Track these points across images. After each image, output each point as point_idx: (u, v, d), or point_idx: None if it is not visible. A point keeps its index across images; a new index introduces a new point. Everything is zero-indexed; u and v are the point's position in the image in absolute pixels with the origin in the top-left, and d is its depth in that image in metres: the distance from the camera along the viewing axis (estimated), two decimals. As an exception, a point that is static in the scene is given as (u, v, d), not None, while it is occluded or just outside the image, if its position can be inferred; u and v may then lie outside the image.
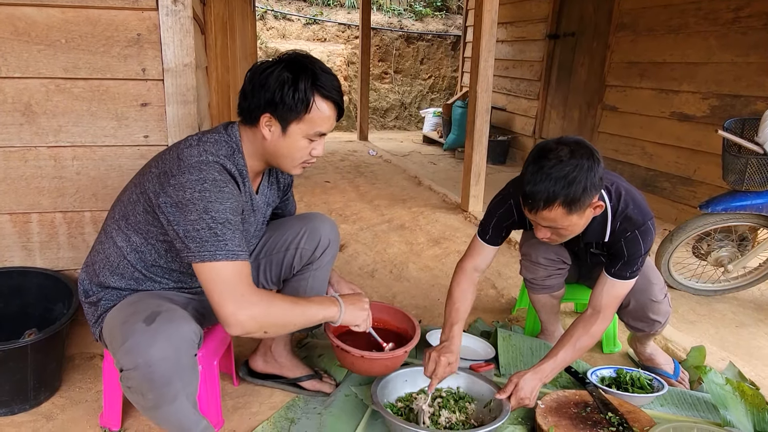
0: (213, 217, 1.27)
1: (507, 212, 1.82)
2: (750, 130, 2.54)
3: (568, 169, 1.46)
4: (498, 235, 1.86)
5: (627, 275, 1.68)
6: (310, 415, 1.69)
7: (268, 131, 1.39)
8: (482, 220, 1.89)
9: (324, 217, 1.75)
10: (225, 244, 1.28)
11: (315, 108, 1.37)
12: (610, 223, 1.68)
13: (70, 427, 1.64)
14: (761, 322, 2.55)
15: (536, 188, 1.49)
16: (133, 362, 1.20)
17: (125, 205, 1.41)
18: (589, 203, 1.53)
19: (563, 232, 1.59)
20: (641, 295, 1.81)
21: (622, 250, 1.67)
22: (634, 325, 1.91)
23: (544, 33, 5.59)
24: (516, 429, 1.62)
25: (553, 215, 1.51)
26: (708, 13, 3.68)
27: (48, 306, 1.87)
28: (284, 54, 1.40)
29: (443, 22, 8.90)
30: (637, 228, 1.65)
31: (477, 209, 3.93)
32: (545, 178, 1.47)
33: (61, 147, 1.83)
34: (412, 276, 2.89)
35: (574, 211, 1.51)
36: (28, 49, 1.72)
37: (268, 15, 8.09)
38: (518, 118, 6.17)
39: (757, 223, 2.56)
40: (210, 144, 1.37)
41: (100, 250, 1.45)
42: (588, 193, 1.50)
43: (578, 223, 1.57)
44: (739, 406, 1.67)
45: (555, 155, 1.49)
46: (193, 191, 1.27)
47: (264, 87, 1.34)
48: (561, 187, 1.46)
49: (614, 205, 1.67)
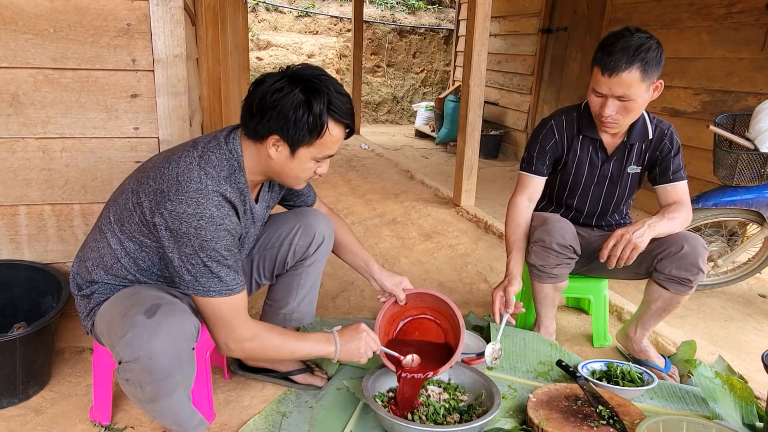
0: (208, 255, 1.27)
1: (549, 132, 2.00)
2: (741, 125, 2.56)
3: (643, 40, 1.72)
4: (542, 162, 2.02)
5: (682, 173, 1.95)
6: (302, 409, 1.69)
7: (275, 151, 1.34)
8: (525, 153, 2.06)
9: (319, 213, 1.74)
10: (219, 280, 1.29)
11: (327, 133, 1.33)
12: (649, 122, 1.95)
13: (59, 421, 1.62)
14: (750, 316, 2.57)
15: (618, 52, 1.70)
16: (134, 354, 1.19)
17: (121, 210, 1.38)
18: (656, 77, 1.76)
19: (629, 105, 1.77)
20: (694, 241, 1.81)
21: (669, 148, 1.93)
22: (678, 276, 1.82)
23: (537, 27, 5.59)
24: (507, 422, 1.63)
25: (630, 79, 1.71)
26: (700, 9, 3.70)
27: (37, 299, 1.85)
28: (295, 67, 1.33)
29: (436, 16, 8.87)
30: (671, 127, 1.96)
31: (469, 203, 3.93)
32: (626, 45, 1.70)
33: (49, 138, 1.80)
34: (404, 270, 2.89)
35: (646, 78, 1.73)
36: (15, 38, 1.69)
37: (259, 7, 8.03)
38: (510, 112, 6.18)
39: (746, 218, 2.58)
40: (211, 166, 1.31)
41: (95, 247, 1.42)
42: (657, 65, 1.74)
43: (645, 97, 1.78)
44: (728, 399, 1.69)
45: (629, 32, 1.74)
46: (188, 226, 1.25)
47: (275, 109, 1.27)
48: (640, 51, 1.70)
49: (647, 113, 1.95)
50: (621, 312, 2.44)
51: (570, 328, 2.35)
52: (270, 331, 1.43)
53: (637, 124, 1.93)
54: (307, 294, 1.76)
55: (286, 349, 1.44)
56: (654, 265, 1.87)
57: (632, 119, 1.86)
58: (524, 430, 1.60)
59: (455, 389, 1.72)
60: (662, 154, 1.94)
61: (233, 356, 1.36)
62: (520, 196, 2.04)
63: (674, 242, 1.82)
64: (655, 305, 1.93)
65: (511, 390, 1.80)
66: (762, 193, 2.47)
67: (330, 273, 2.73)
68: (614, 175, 2.01)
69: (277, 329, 1.47)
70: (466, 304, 2.52)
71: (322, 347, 1.49)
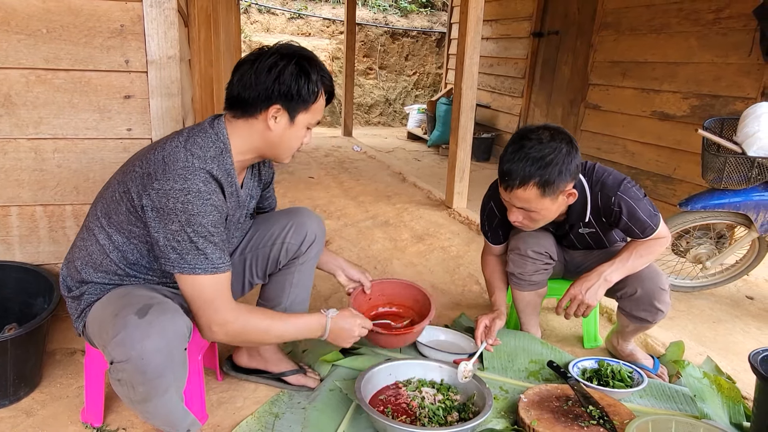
0: (195, 230, 1.27)
1: (491, 213, 1.94)
2: (729, 129, 2.59)
3: (546, 151, 1.53)
4: (496, 235, 2.00)
5: (651, 226, 1.73)
6: (295, 410, 1.69)
7: (274, 122, 1.39)
8: (480, 224, 2.03)
9: (310, 213, 1.75)
10: (205, 258, 1.29)
11: (321, 98, 1.44)
12: (590, 198, 1.75)
13: (50, 422, 1.61)
14: (737, 318, 2.61)
15: (513, 166, 1.55)
16: (126, 354, 1.19)
17: (108, 202, 1.39)
18: (563, 189, 1.59)
19: (535, 216, 1.65)
20: (650, 283, 1.81)
21: (618, 215, 1.73)
22: (636, 315, 1.87)
23: (528, 31, 5.62)
24: (499, 422, 1.64)
25: (527, 195, 1.57)
26: (689, 14, 3.74)
27: (28, 301, 1.84)
28: (278, 45, 1.41)
29: (428, 19, 8.91)
30: (618, 189, 1.71)
31: (461, 206, 3.95)
32: (523, 157, 1.54)
33: (41, 139, 1.80)
34: (396, 272, 2.90)
35: (548, 194, 1.57)
36: (7, 38, 1.69)
37: (252, 9, 8.03)
38: (502, 115, 6.21)
39: (734, 221, 2.61)
40: (197, 147, 1.34)
41: (82, 246, 1.42)
42: (563, 178, 1.56)
43: (551, 208, 1.63)
44: (716, 399, 1.71)
45: (536, 136, 1.56)
46: (176, 201, 1.26)
47: (277, 80, 1.35)
48: (538, 167, 1.53)
49: (589, 178, 1.75)
50: (611, 314, 2.46)
51: (561, 329, 2.37)
52: (255, 312, 1.42)
53: (574, 206, 1.76)
54: (299, 293, 1.77)
55: (273, 331, 1.43)
56: (617, 300, 1.93)
57: (545, 223, 1.73)
58: (516, 430, 1.61)
59: (448, 389, 1.74)
60: (615, 220, 1.76)
61: (216, 340, 1.35)
62: (487, 254, 2.09)
63: (630, 283, 1.82)
64: (627, 329, 1.99)
65: (502, 391, 1.81)
66: (749, 196, 2.50)
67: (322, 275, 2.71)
68: (569, 236, 1.95)
69: (262, 311, 1.46)
70: (458, 305, 2.54)
71: (312, 328, 1.49)
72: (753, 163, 2.41)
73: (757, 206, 2.50)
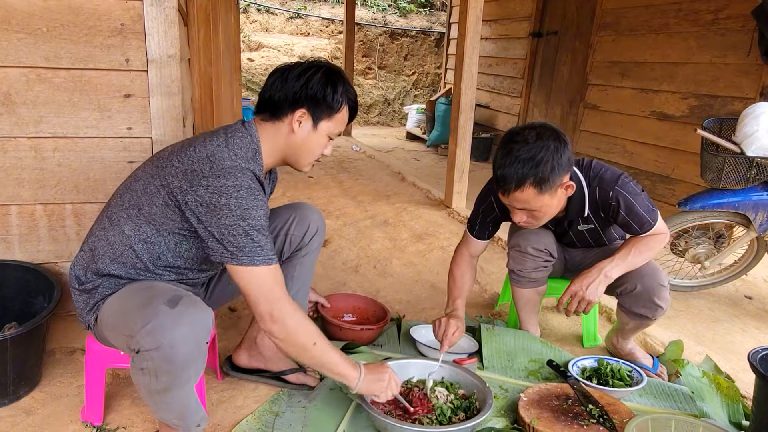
0: (250, 224, 1.31)
1: (489, 207, 1.92)
2: (728, 129, 2.60)
3: (534, 151, 1.56)
4: (484, 229, 1.96)
5: (649, 222, 1.75)
6: (295, 409, 1.69)
7: (298, 125, 1.45)
8: (470, 215, 1.98)
9: (311, 206, 1.80)
10: (261, 249, 1.33)
11: (344, 110, 1.50)
12: (587, 193, 1.77)
13: (50, 421, 1.61)
14: (736, 317, 2.61)
15: (506, 171, 1.58)
16: (156, 342, 1.20)
17: (139, 195, 1.40)
18: (559, 183, 1.62)
19: (538, 214, 1.66)
20: (649, 279, 1.81)
21: (617, 209, 1.74)
22: (636, 311, 1.87)
23: (527, 31, 5.63)
24: (499, 421, 1.64)
25: (525, 196, 1.59)
26: (688, 14, 3.75)
27: (28, 299, 1.84)
28: (312, 60, 1.51)
29: (427, 19, 8.91)
30: (615, 184, 1.73)
31: (460, 205, 3.96)
32: (514, 161, 1.57)
33: (41, 138, 1.80)
34: (396, 271, 2.90)
35: (545, 190, 1.59)
36: (7, 37, 1.69)
37: (251, 8, 8.02)
38: (501, 115, 6.22)
39: (733, 221, 2.62)
40: (238, 147, 1.39)
41: (102, 236, 1.42)
42: (557, 173, 1.58)
43: (551, 203, 1.65)
44: (715, 398, 1.72)
45: (522, 138, 1.59)
46: (229, 197, 1.30)
47: (306, 85, 1.43)
48: (530, 167, 1.56)
49: (586, 174, 1.77)
50: (611, 313, 2.47)
51: (560, 328, 2.37)
52: (309, 319, 1.43)
53: (572, 201, 1.78)
54: (300, 287, 1.79)
55: (319, 345, 1.41)
56: (616, 297, 1.92)
57: (549, 218, 1.74)
58: (515, 429, 1.61)
59: (451, 385, 1.73)
60: (614, 215, 1.78)
61: (274, 332, 1.36)
62: (464, 248, 2.01)
63: (630, 280, 1.82)
64: (627, 326, 1.98)
65: (502, 390, 1.82)
66: (748, 196, 2.51)
67: (321, 274, 2.73)
68: (568, 233, 1.95)
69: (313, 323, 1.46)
70: (457, 305, 2.54)
71: (348, 370, 1.47)
72: (752, 163, 2.41)
73: (756, 206, 2.51)
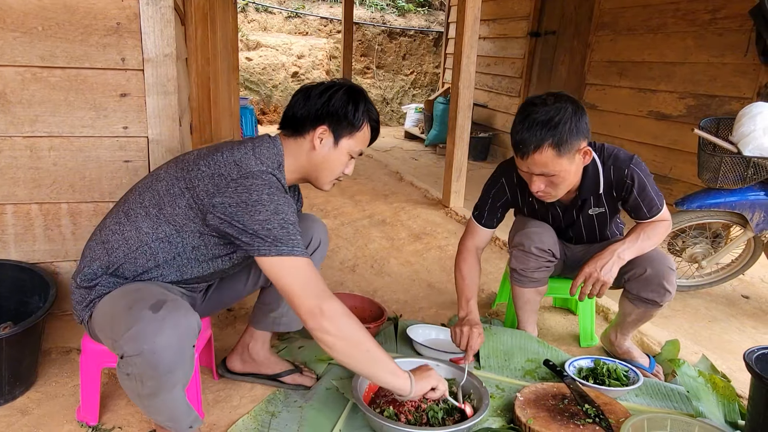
0: (283, 218, 1.32)
1: (500, 191, 1.92)
2: (725, 129, 2.60)
3: (553, 112, 1.58)
4: (493, 216, 1.95)
5: (657, 206, 1.79)
6: (291, 409, 1.69)
7: (319, 142, 1.48)
8: (477, 202, 1.97)
9: (315, 218, 1.77)
10: (298, 242, 1.34)
11: (365, 128, 1.52)
12: (602, 170, 1.77)
13: (45, 421, 1.61)
14: (732, 317, 2.62)
15: (525, 134, 1.59)
16: (138, 348, 1.20)
17: (161, 195, 1.41)
18: (577, 147, 1.61)
19: (556, 180, 1.65)
20: (659, 263, 1.81)
21: (630, 188, 1.76)
22: (645, 296, 1.85)
23: (525, 31, 5.63)
24: (495, 421, 1.64)
25: (544, 158, 1.59)
26: (686, 14, 3.75)
27: (23, 299, 1.83)
28: (335, 79, 1.56)
29: (425, 18, 8.91)
30: (630, 162, 1.76)
31: (458, 205, 3.96)
32: (533, 123, 1.58)
33: (37, 137, 1.79)
34: (393, 271, 2.90)
35: (564, 153, 1.59)
36: (2, 36, 1.68)
37: (249, 7, 8.01)
38: (499, 115, 6.22)
39: (730, 221, 2.62)
40: (265, 157, 1.43)
41: (117, 230, 1.42)
42: (575, 135, 1.59)
43: (569, 169, 1.64)
44: (711, 398, 1.72)
45: (540, 101, 1.61)
46: (260, 193, 1.32)
47: (328, 102, 1.46)
48: (548, 129, 1.56)
49: (599, 153, 1.78)
50: (608, 312, 2.47)
51: (557, 328, 2.37)
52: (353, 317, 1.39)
53: (587, 177, 1.78)
54: None
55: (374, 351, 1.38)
56: (623, 284, 1.91)
57: (567, 188, 1.72)
58: (512, 428, 1.61)
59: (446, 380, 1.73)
60: (626, 194, 1.80)
61: (322, 328, 1.30)
62: (469, 240, 1.97)
63: (639, 264, 1.82)
64: (629, 318, 1.97)
65: (499, 390, 1.82)
66: (745, 196, 2.51)
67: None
68: (578, 219, 1.94)
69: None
70: (454, 304, 2.54)
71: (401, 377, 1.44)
72: (749, 163, 2.42)
73: (753, 206, 2.51)
